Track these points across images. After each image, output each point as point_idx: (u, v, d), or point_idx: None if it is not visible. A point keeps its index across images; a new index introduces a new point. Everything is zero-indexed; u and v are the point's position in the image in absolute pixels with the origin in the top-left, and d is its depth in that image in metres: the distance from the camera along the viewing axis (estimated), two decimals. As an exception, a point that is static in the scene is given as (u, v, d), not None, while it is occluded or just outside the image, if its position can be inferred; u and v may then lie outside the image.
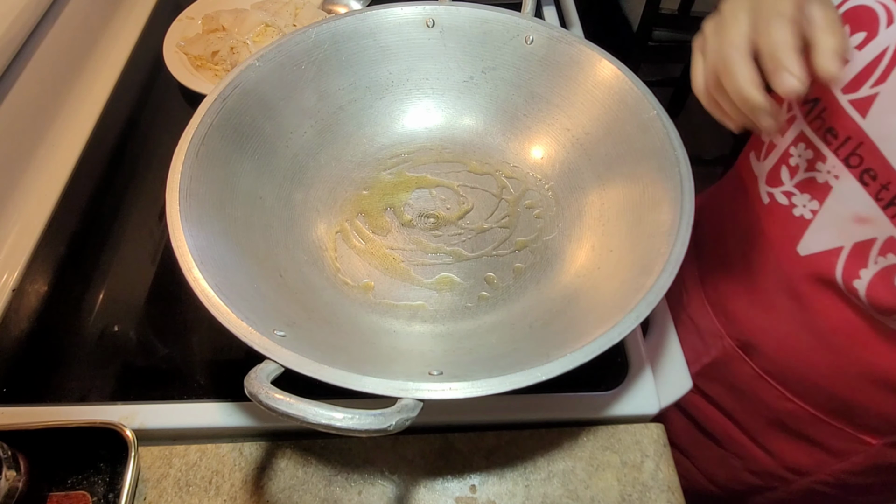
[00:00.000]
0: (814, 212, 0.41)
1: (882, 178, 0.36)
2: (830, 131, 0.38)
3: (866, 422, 0.48)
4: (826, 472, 0.54)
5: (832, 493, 0.56)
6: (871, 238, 0.38)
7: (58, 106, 0.60)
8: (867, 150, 0.36)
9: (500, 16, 0.49)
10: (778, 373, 0.51)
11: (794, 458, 0.55)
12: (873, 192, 0.36)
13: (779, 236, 0.45)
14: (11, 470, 0.35)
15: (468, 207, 0.49)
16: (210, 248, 0.36)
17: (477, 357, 0.39)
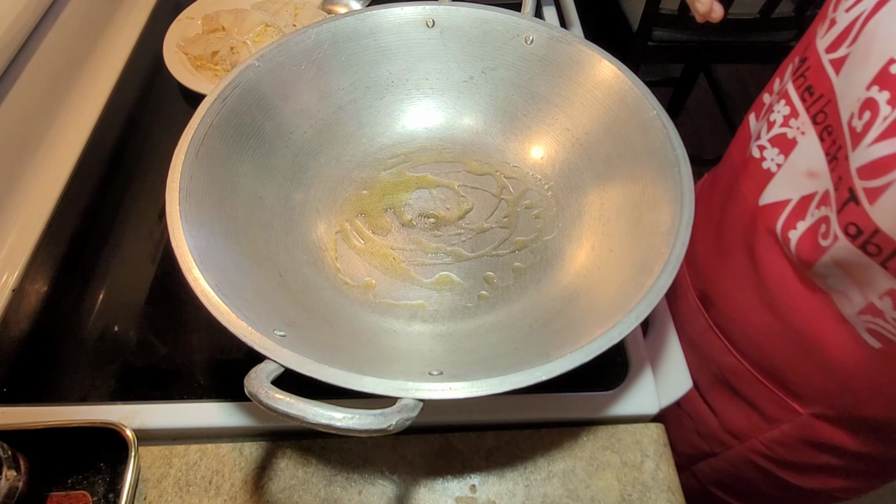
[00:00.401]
0: (779, 165, 0.43)
1: (835, 135, 0.37)
2: (809, 89, 0.40)
3: (794, 387, 0.49)
4: (760, 438, 0.55)
5: (765, 465, 0.57)
6: (813, 192, 0.40)
7: (58, 106, 0.60)
8: (831, 108, 0.37)
9: (500, 16, 0.49)
10: (725, 326, 0.54)
11: (734, 419, 0.57)
12: (826, 148, 0.38)
13: (749, 188, 0.47)
14: (11, 470, 0.35)
15: (468, 207, 0.49)
16: (210, 248, 0.36)
17: (477, 357, 0.39)
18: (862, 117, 0.34)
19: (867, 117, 0.34)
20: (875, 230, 0.35)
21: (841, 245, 0.37)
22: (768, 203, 0.44)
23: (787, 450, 0.54)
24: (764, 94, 0.49)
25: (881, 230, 0.34)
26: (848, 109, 0.36)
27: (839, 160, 0.37)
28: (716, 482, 0.67)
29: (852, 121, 0.35)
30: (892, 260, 0.35)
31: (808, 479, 0.57)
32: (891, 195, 0.33)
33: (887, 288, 0.37)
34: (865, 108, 0.34)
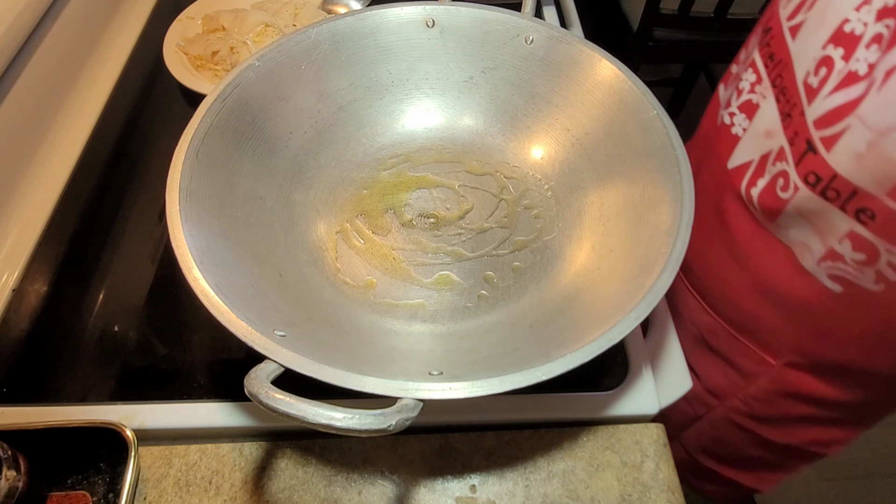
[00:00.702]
0: (744, 129, 0.46)
1: (789, 94, 0.41)
2: (771, 56, 0.43)
3: (766, 339, 0.52)
4: (739, 396, 0.58)
5: (745, 424, 0.60)
6: (769, 150, 0.43)
7: (58, 106, 0.60)
8: (787, 71, 0.41)
9: (500, 16, 0.49)
10: (700, 287, 0.56)
11: (713, 377, 0.60)
12: (780, 108, 0.42)
13: (720, 153, 0.50)
14: (11, 470, 0.35)
15: (468, 207, 0.49)
16: (210, 249, 0.36)
17: (477, 357, 0.39)
18: (818, 74, 0.38)
19: (823, 73, 0.37)
20: (833, 175, 0.37)
21: (802, 195, 0.40)
22: (736, 165, 0.47)
23: (765, 405, 0.57)
24: (732, 66, 0.52)
25: (839, 175, 0.37)
26: (804, 69, 0.39)
27: (793, 117, 0.40)
28: (702, 449, 0.69)
29: (808, 79, 0.39)
30: (850, 202, 0.38)
31: (787, 433, 0.59)
32: (846, 140, 0.36)
33: (846, 230, 0.39)
34: (821, 65, 0.37)
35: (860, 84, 0.35)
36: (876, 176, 0.35)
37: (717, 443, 0.66)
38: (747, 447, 0.64)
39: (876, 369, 0.48)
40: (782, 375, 0.53)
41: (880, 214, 0.37)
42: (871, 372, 0.48)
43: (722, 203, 0.49)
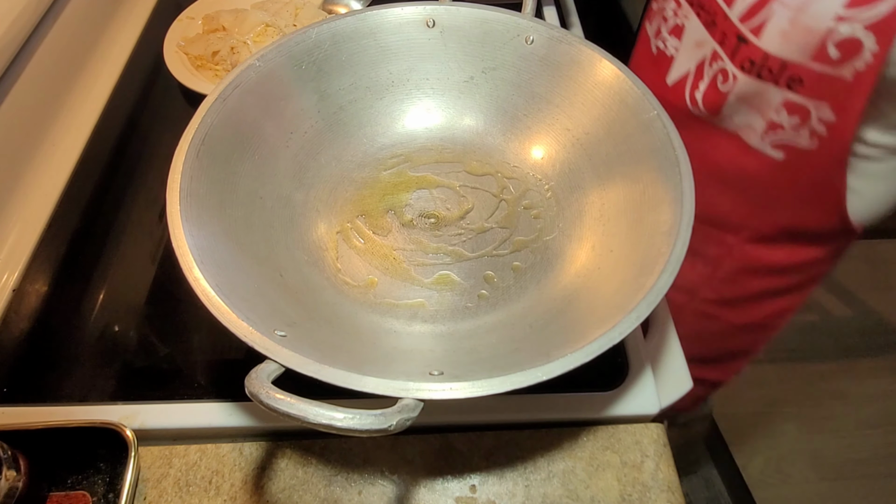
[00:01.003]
0: (676, 49, 0.56)
1: (707, 7, 0.51)
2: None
3: (724, 221, 0.61)
4: (708, 286, 0.67)
5: (715, 312, 0.69)
6: (703, 57, 0.53)
7: (58, 106, 0.60)
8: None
9: (501, 16, 0.49)
10: None
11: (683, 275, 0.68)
12: (703, 20, 0.52)
13: (658, 77, 0.59)
14: (11, 470, 0.35)
15: (468, 207, 0.49)
16: (210, 249, 0.36)
17: (477, 357, 0.39)
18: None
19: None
20: (765, 56, 0.47)
21: (741, 82, 0.50)
22: (675, 80, 0.57)
23: (731, 286, 0.66)
24: (653, 3, 0.62)
25: (770, 54, 0.46)
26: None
27: (717, 24, 0.50)
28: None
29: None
30: (782, 75, 0.47)
31: (750, 311, 0.68)
32: (772, 24, 0.45)
33: (781, 100, 0.49)
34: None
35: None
36: (800, 46, 0.44)
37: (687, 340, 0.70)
38: (714, 339, 0.73)
39: (816, 227, 0.58)
40: (742, 252, 0.62)
41: (807, 78, 0.46)
42: (812, 231, 0.58)
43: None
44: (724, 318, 0.69)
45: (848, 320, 1.39)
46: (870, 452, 1.18)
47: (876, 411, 1.23)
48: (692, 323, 0.70)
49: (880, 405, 1.24)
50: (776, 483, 1.14)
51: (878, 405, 1.24)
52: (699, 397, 0.88)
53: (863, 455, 1.17)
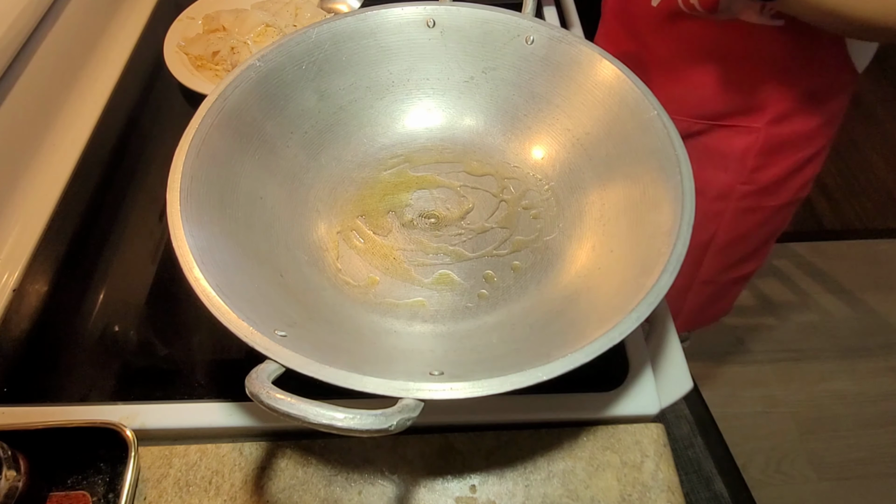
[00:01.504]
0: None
1: None
2: None
3: (746, 105, 0.64)
4: (744, 182, 0.69)
5: (757, 204, 0.72)
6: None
7: (58, 106, 0.60)
8: None
9: (501, 16, 0.49)
10: (675, 102, 0.63)
11: (716, 182, 0.71)
12: None
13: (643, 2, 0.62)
14: (11, 470, 0.35)
15: (469, 207, 0.49)
16: (211, 249, 0.36)
17: (478, 357, 0.39)
18: None
19: None
20: None
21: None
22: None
23: (764, 171, 0.68)
24: None
25: None
26: None
27: None
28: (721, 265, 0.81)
29: None
30: None
31: (783, 191, 0.71)
32: None
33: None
34: None
35: None
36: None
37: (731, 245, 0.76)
38: (756, 230, 0.75)
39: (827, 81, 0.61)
40: (768, 134, 0.65)
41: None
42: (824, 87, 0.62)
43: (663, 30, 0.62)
44: (764, 204, 0.72)
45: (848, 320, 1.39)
46: (870, 452, 1.18)
47: (876, 411, 1.23)
48: (733, 223, 0.73)
49: (880, 405, 1.24)
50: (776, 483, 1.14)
51: (878, 405, 1.24)
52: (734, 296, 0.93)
53: (863, 455, 1.17)
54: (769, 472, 1.15)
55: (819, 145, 0.68)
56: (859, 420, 1.22)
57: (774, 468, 1.16)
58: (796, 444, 1.19)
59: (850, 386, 1.27)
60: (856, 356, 1.31)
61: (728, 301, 0.94)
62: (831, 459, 1.17)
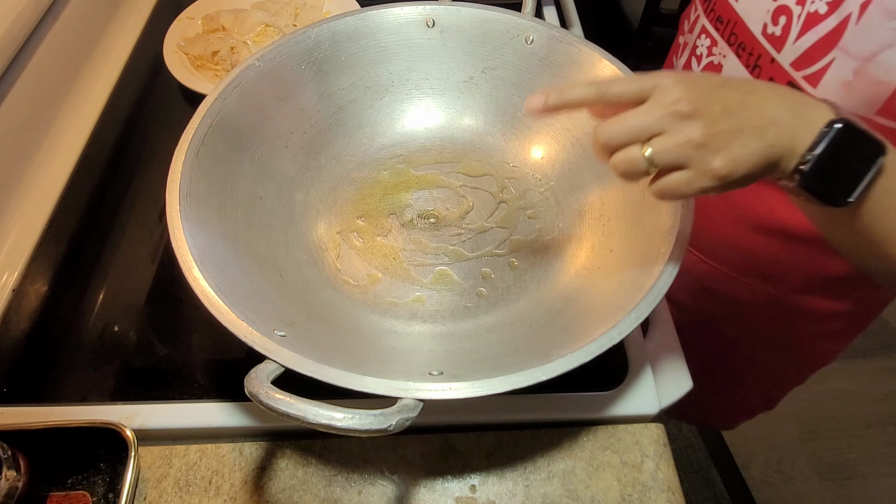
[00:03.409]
0: None
1: (748, 48, 0.45)
2: (719, 19, 0.47)
3: (768, 272, 0.56)
4: (743, 327, 0.64)
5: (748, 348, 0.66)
6: None
7: (58, 106, 0.60)
8: (739, 28, 0.45)
9: (501, 16, 0.49)
10: (693, 238, 0.62)
11: (717, 320, 0.65)
12: (745, 61, 0.46)
13: None
14: (11, 470, 0.35)
15: (468, 207, 0.49)
16: (210, 248, 0.36)
17: (477, 357, 0.39)
18: (778, 23, 0.42)
19: (783, 21, 0.41)
20: None
21: None
22: None
23: (772, 332, 0.62)
24: (679, 37, 0.57)
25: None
26: (759, 23, 0.43)
27: (762, 67, 0.44)
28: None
29: (766, 30, 0.43)
30: None
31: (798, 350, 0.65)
32: (832, 73, 0.39)
33: None
34: (779, 15, 0.42)
35: (827, 21, 0.39)
36: (865, 98, 0.39)
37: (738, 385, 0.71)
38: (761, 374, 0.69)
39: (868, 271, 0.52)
40: (786, 302, 0.57)
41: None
42: (863, 277, 0.52)
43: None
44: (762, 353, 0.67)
45: (848, 320, 1.39)
46: (870, 452, 1.18)
47: (876, 411, 1.23)
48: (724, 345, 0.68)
49: (880, 405, 1.24)
50: (776, 483, 1.13)
51: (878, 405, 1.24)
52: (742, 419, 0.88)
53: (863, 455, 1.17)
54: (769, 472, 1.15)
55: (842, 326, 0.61)
56: (859, 420, 1.22)
57: (774, 468, 1.16)
58: (796, 444, 1.19)
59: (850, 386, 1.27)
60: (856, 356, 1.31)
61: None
62: (831, 459, 1.17)
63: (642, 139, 0.31)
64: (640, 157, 0.31)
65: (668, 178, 0.31)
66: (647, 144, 0.31)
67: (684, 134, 0.30)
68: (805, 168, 0.30)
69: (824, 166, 0.30)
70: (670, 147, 0.30)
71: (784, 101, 0.31)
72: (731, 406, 0.82)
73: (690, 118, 0.30)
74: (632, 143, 0.31)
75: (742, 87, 0.31)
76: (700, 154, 0.30)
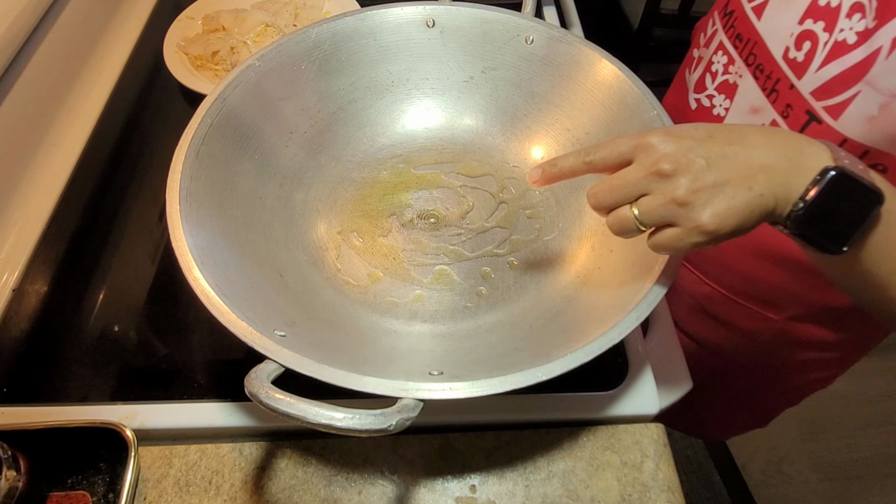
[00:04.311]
0: (727, 109, 0.48)
1: (767, 70, 0.43)
2: (739, 37, 0.45)
3: (769, 297, 0.55)
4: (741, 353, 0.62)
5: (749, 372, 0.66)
6: (761, 124, 0.44)
7: (58, 106, 0.60)
8: (759, 49, 0.43)
9: (500, 16, 0.49)
10: (695, 259, 0.58)
11: (714, 341, 0.63)
12: (761, 84, 0.44)
13: None
14: (11, 470, 0.35)
15: (468, 207, 0.49)
16: (210, 249, 0.36)
17: (477, 357, 0.39)
18: (801, 48, 0.40)
19: (807, 47, 0.39)
20: (843, 140, 0.39)
21: None
22: None
23: (768, 356, 0.61)
24: (693, 50, 0.55)
25: (849, 139, 0.38)
26: (781, 45, 0.41)
27: (780, 92, 0.42)
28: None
29: (788, 54, 0.41)
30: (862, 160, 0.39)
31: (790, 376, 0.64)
32: (856, 106, 0.37)
33: None
34: (803, 40, 0.39)
35: (855, 52, 0.37)
36: (889, 135, 0.37)
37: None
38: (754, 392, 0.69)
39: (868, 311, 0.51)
40: (785, 329, 0.56)
41: (892, 167, 0.39)
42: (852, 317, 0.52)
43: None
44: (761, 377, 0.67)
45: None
46: (870, 452, 1.18)
47: (876, 411, 1.23)
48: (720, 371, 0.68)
49: (880, 405, 1.24)
50: (776, 483, 1.13)
51: (878, 405, 1.24)
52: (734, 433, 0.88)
53: (863, 455, 1.17)
54: (769, 472, 1.15)
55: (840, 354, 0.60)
56: (859, 420, 1.22)
57: (774, 468, 1.16)
58: (796, 444, 1.19)
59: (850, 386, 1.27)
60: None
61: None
62: (831, 459, 1.17)
63: (629, 200, 0.31)
64: (630, 217, 0.31)
65: (661, 235, 0.31)
66: (635, 205, 0.31)
67: (667, 193, 0.30)
68: (796, 216, 0.30)
69: (816, 214, 0.30)
70: (655, 207, 0.30)
71: (775, 147, 0.30)
72: (724, 422, 0.82)
73: (672, 176, 0.29)
74: (620, 204, 0.32)
75: (729, 136, 0.30)
76: (684, 212, 0.30)
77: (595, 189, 0.32)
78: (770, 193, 0.29)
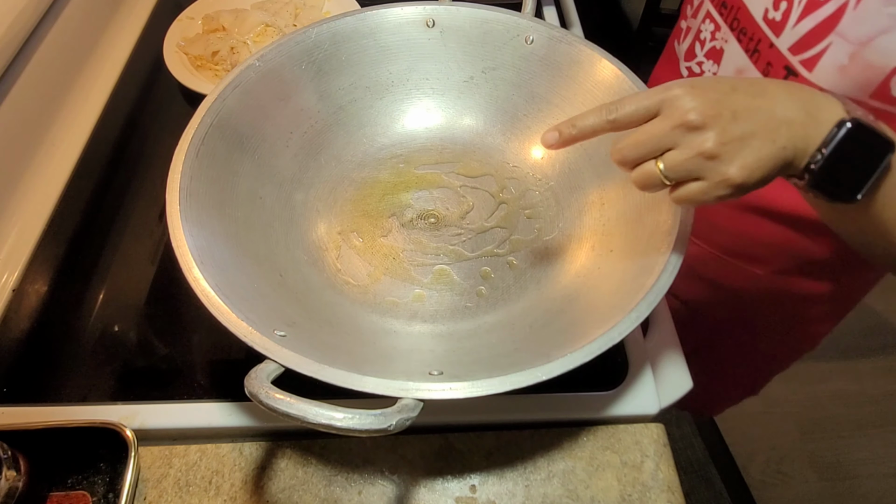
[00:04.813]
0: (714, 73, 0.50)
1: (749, 32, 0.45)
2: (724, 5, 0.48)
3: (755, 253, 0.57)
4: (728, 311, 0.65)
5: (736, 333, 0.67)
6: None
7: (58, 106, 0.60)
8: (742, 13, 0.45)
9: (501, 16, 0.49)
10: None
11: (701, 300, 0.66)
12: (745, 46, 0.46)
13: None
14: (11, 470, 0.35)
15: (468, 207, 0.49)
16: (210, 248, 0.36)
17: (477, 357, 0.39)
18: (779, 8, 0.42)
19: (784, 7, 0.42)
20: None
21: None
22: None
23: (754, 314, 0.63)
24: (681, 21, 0.56)
25: (824, 89, 0.39)
26: (761, 8, 0.44)
27: (761, 52, 0.45)
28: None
29: (768, 15, 0.43)
30: None
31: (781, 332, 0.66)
32: (828, 57, 0.40)
33: None
34: (781, 1, 0.42)
35: (826, 6, 0.39)
36: (859, 82, 0.39)
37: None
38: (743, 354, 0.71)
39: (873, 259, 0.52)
40: (770, 284, 0.58)
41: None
42: (850, 259, 0.52)
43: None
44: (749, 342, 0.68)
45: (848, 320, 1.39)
46: (870, 452, 1.18)
47: (876, 411, 1.23)
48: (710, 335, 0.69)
49: (880, 405, 1.24)
50: (776, 483, 1.13)
51: (878, 405, 1.24)
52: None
53: (863, 455, 1.17)
54: (769, 472, 1.15)
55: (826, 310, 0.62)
56: (859, 420, 1.22)
57: (774, 468, 1.16)
58: (796, 444, 1.19)
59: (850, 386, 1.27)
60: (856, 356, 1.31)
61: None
62: (831, 459, 1.17)
63: (655, 154, 0.31)
64: (656, 173, 0.31)
65: (686, 188, 0.31)
66: (660, 159, 0.31)
67: (695, 146, 0.30)
68: (815, 167, 0.30)
69: (833, 165, 0.30)
70: (682, 161, 0.30)
71: (795, 100, 0.31)
72: (717, 391, 0.84)
73: (700, 129, 0.30)
74: (646, 159, 0.32)
75: (752, 89, 0.31)
76: (713, 165, 0.30)
77: (620, 144, 0.32)
78: (791, 146, 0.30)
